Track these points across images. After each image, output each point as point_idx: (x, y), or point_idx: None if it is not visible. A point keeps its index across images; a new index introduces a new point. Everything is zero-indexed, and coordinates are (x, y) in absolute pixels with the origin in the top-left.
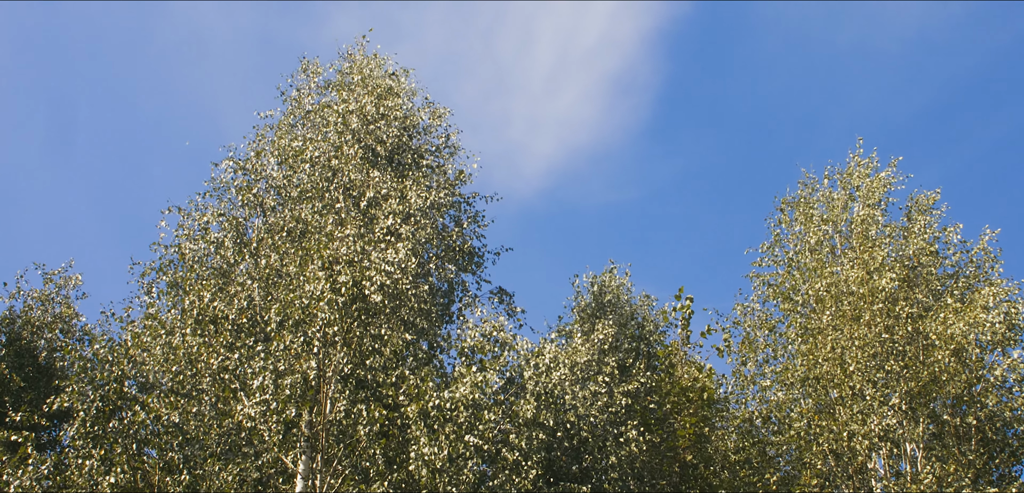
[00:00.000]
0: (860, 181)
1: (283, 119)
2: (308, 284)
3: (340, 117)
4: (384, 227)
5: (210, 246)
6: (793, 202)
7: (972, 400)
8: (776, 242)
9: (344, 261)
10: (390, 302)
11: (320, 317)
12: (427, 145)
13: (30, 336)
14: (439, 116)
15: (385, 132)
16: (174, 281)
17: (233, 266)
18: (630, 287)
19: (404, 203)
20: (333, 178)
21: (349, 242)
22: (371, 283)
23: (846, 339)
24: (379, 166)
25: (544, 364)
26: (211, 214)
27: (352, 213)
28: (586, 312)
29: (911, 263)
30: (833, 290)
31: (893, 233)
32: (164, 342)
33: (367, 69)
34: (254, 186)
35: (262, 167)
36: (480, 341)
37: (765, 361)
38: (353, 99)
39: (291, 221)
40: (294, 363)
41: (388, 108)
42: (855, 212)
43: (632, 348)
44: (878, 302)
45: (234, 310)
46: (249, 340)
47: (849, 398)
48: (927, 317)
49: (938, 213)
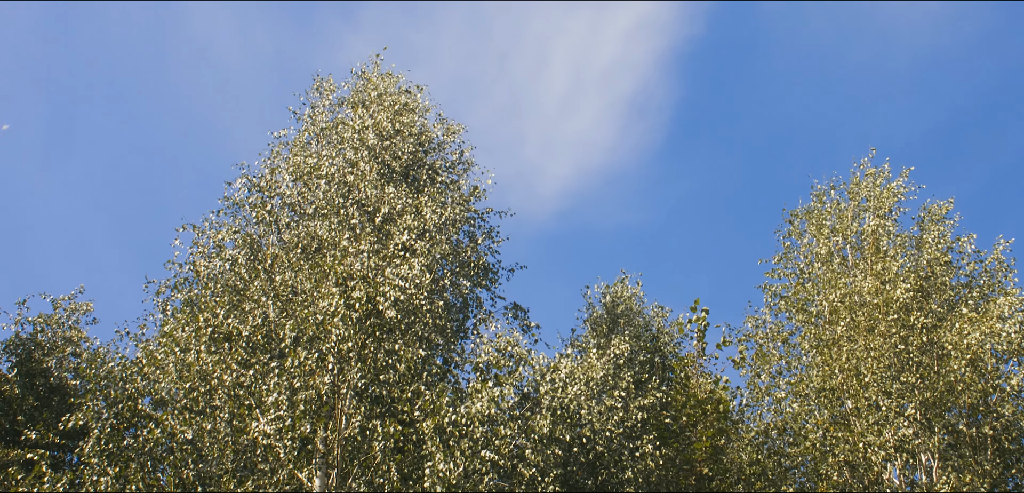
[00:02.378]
0: (869, 191)
1: (298, 136)
2: (322, 300)
3: (356, 133)
4: (399, 243)
5: (225, 263)
6: (803, 212)
7: (988, 410)
8: (787, 254)
9: (358, 277)
10: (405, 318)
11: (334, 333)
12: (441, 161)
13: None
14: (453, 132)
15: (400, 148)
16: (189, 299)
17: (248, 283)
18: (642, 297)
19: (419, 219)
20: (348, 194)
21: (363, 258)
22: (385, 299)
23: (861, 350)
24: (394, 182)
25: (560, 379)
26: (226, 231)
27: (367, 229)
28: (599, 324)
29: (925, 273)
30: (847, 301)
31: (905, 243)
32: (179, 359)
33: (383, 85)
34: (268, 203)
35: (276, 184)
36: (495, 356)
37: (779, 373)
38: (369, 115)
39: (306, 238)
40: (309, 379)
41: (404, 124)
42: (866, 223)
43: (647, 360)
44: (892, 312)
45: (249, 327)
46: (264, 357)
47: (864, 409)
48: (942, 327)
49: (951, 223)
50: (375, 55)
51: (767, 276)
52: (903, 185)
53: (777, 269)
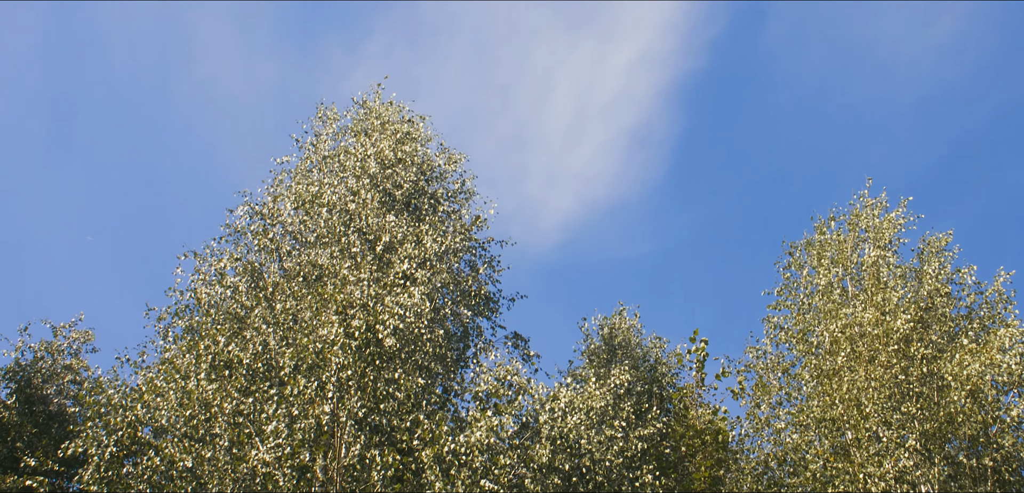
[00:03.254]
0: (869, 223)
1: (300, 164)
2: (322, 329)
3: (358, 161)
4: (399, 272)
5: (226, 291)
6: (803, 244)
7: (988, 441)
8: (787, 285)
9: (358, 305)
10: (404, 346)
11: (334, 362)
12: (443, 190)
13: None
14: (455, 161)
15: (402, 176)
16: (190, 326)
17: (248, 311)
18: (640, 329)
19: (420, 248)
20: (349, 222)
21: (364, 286)
22: (385, 327)
23: (861, 380)
24: (395, 211)
25: (559, 409)
26: (227, 259)
27: (367, 257)
28: (597, 355)
29: (925, 304)
30: (848, 332)
31: (905, 274)
32: (179, 387)
33: (385, 114)
34: (270, 231)
35: (278, 212)
36: (495, 385)
37: (779, 403)
38: (371, 143)
39: (307, 266)
40: (308, 408)
41: (405, 153)
42: (866, 254)
43: (645, 391)
44: (893, 343)
45: (249, 355)
46: (264, 385)
47: (865, 440)
48: (942, 358)
49: (951, 254)
50: (377, 84)
51: (769, 309)
52: (902, 216)
53: (778, 301)
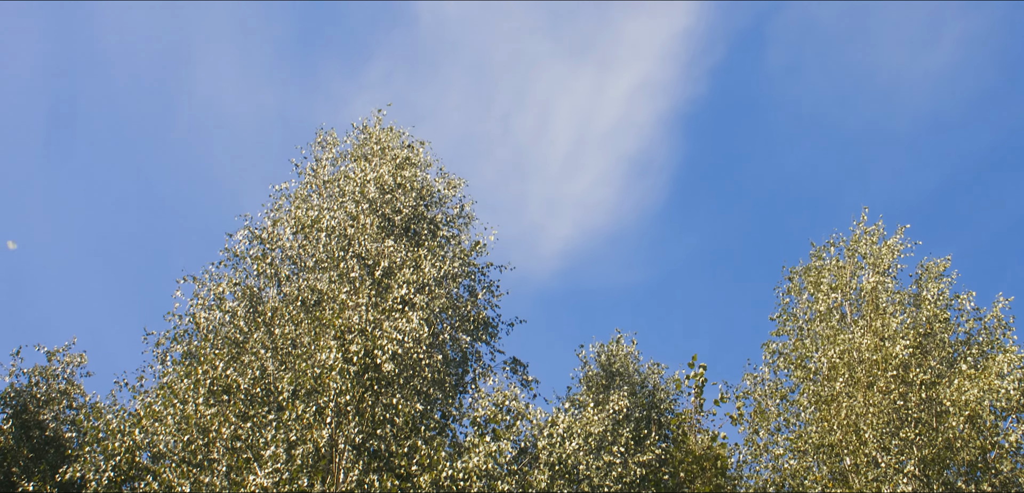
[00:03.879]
0: (867, 249)
1: (299, 189)
2: (321, 354)
3: (357, 186)
4: (398, 297)
5: (224, 315)
6: (802, 270)
7: (987, 467)
8: (784, 312)
9: (357, 330)
10: (403, 371)
11: (332, 387)
12: (442, 215)
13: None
14: (454, 186)
15: (401, 202)
16: (188, 350)
17: (247, 336)
18: (638, 355)
19: (418, 273)
20: (348, 247)
21: (362, 311)
22: (383, 352)
23: (860, 406)
24: (394, 235)
25: (558, 434)
26: (226, 283)
27: (366, 282)
28: (595, 381)
29: (924, 330)
30: (846, 357)
31: (903, 300)
32: (177, 411)
33: (385, 140)
34: (269, 255)
35: (277, 236)
36: (493, 411)
37: (777, 429)
38: (370, 169)
39: (305, 291)
40: (306, 433)
41: (404, 178)
42: (864, 280)
43: (644, 416)
44: (891, 369)
45: (247, 380)
46: (262, 410)
47: (863, 465)
48: (941, 384)
49: (949, 280)
50: (378, 110)
51: (772, 335)
52: (900, 242)
53: (778, 327)
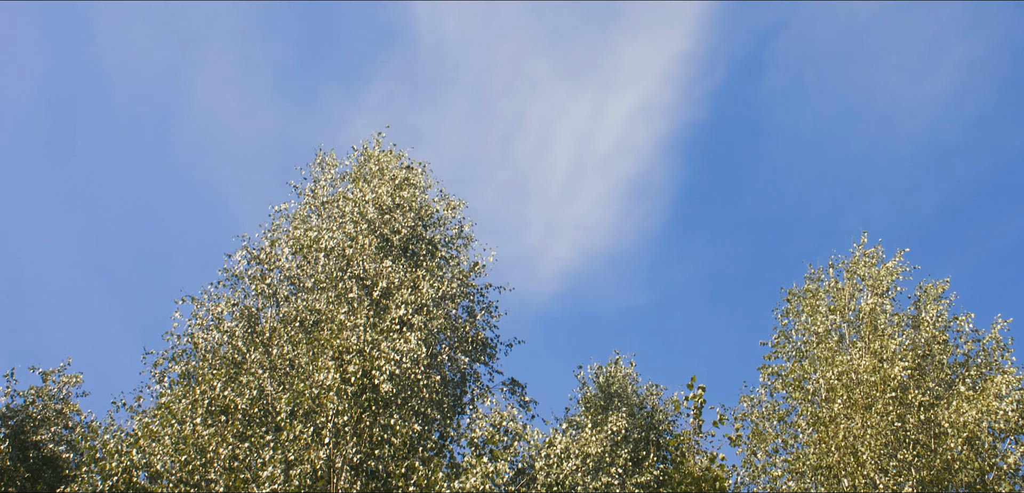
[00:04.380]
0: (866, 271)
1: (298, 210)
2: (319, 374)
3: (356, 207)
4: (396, 317)
5: (223, 336)
6: (799, 294)
7: (985, 488)
8: (782, 334)
9: (355, 351)
10: (400, 392)
11: (330, 407)
12: (441, 236)
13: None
14: (454, 208)
15: (400, 222)
16: (186, 370)
17: (245, 356)
18: (636, 377)
19: (416, 293)
20: (346, 267)
21: (360, 332)
22: (381, 373)
23: (858, 427)
24: (393, 256)
25: (555, 455)
26: (225, 304)
27: (365, 303)
28: (593, 403)
29: (923, 351)
30: (844, 379)
31: (902, 322)
32: (175, 432)
33: (383, 160)
34: (268, 276)
35: (276, 257)
36: (491, 431)
37: (775, 451)
38: (369, 189)
39: (304, 311)
40: (304, 453)
41: (403, 198)
42: (863, 302)
43: (642, 438)
44: (890, 390)
45: (245, 400)
46: (260, 430)
47: (861, 487)
48: (939, 405)
49: (948, 302)
50: (377, 133)
51: (766, 359)
52: (899, 266)
53: (775, 349)
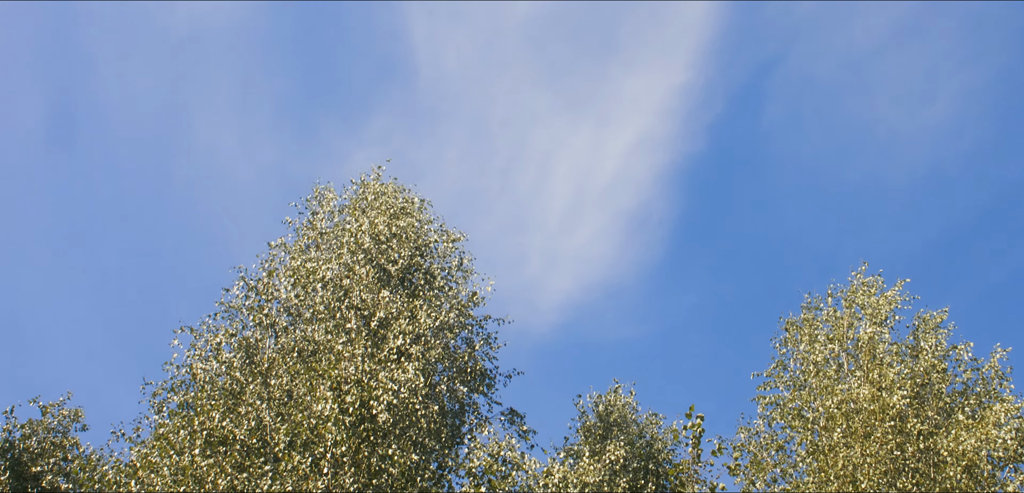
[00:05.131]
0: (864, 300)
1: (297, 242)
2: (317, 404)
3: (352, 236)
4: (393, 347)
5: (221, 366)
6: (797, 323)
7: None
8: (780, 364)
9: (353, 381)
10: (399, 422)
11: (328, 438)
12: (439, 266)
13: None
14: (454, 240)
15: (397, 252)
16: (184, 401)
17: (243, 386)
18: (635, 406)
19: (414, 323)
20: (344, 298)
21: (358, 362)
22: (379, 403)
23: (857, 456)
24: (390, 286)
25: (553, 484)
26: (223, 335)
27: (362, 333)
28: (592, 432)
29: (922, 380)
30: (843, 408)
31: (900, 351)
32: (173, 462)
33: (380, 190)
34: (265, 307)
35: (274, 288)
36: (489, 461)
37: (774, 480)
38: (366, 219)
39: (302, 341)
40: (303, 484)
41: (400, 228)
42: (861, 331)
43: (641, 467)
44: (889, 419)
45: (243, 430)
46: (258, 461)
47: None
48: (938, 434)
49: (946, 331)
50: (377, 167)
51: (760, 390)
52: (898, 295)
53: (772, 379)
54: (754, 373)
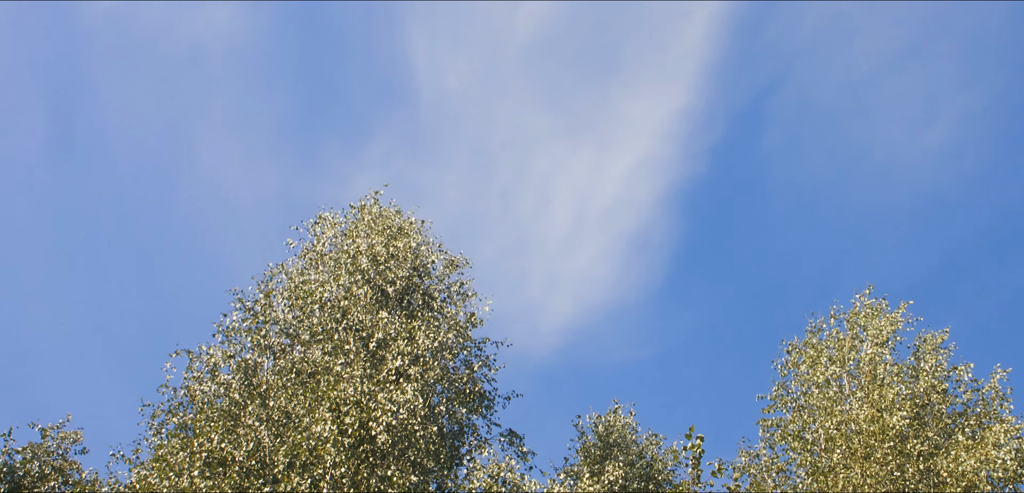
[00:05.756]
0: (867, 322)
1: (295, 265)
2: (316, 426)
3: (350, 257)
4: (392, 368)
5: (219, 387)
6: (800, 347)
7: None
8: (781, 387)
9: (351, 402)
10: (397, 443)
11: (327, 459)
12: (438, 288)
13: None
14: (455, 265)
15: (395, 273)
16: (183, 423)
17: (242, 408)
18: (636, 426)
19: (412, 344)
20: (342, 319)
21: (356, 383)
22: (378, 423)
23: (858, 478)
24: (389, 307)
25: None
26: (221, 356)
27: (361, 354)
28: (591, 452)
29: (922, 401)
30: (843, 429)
31: (901, 372)
32: (172, 484)
33: (376, 210)
34: (263, 328)
35: (272, 309)
36: (488, 482)
37: None
38: (364, 241)
39: (300, 363)
40: None
41: (398, 248)
42: (863, 352)
43: (642, 488)
44: (889, 440)
45: (242, 452)
46: (257, 482)
47: None
48: (938, 454)
49: (947, 352)
50: (374, 192)
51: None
52: (901, 318)
53: (774, 402)
54: (759, 396)
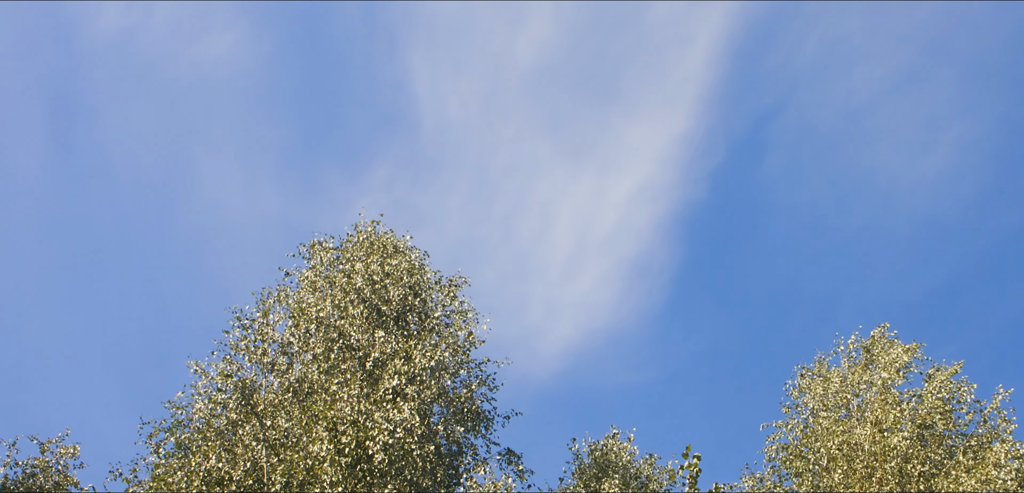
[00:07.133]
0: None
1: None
2: (312, 445)
3: (346, 276)
4: (389, 387)
5: (217, 407)
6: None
7: None
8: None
9: (348, 421)
10: (394, 462)
11: (324, 478)
12: (434, 307)
13: None
14: (456, 286)
15: (392, 291)
16: (181, 441)
17: (239, 427)
18: (634, 450)
19: (409, 363)
20: (338, 339)
21: (353, 402)
22: (375, 443)
23: None
24: (385, 326)
25: None
26: (219, 375)
27: (358, 374)
28: (587, 473)
29: (923, 421)
30: (845, 449)
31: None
32: None
33: (371, 230)
34: (260, 347)
35: (270, 331)
36: None
37: None
38: (360, 260)
39: (297, 382)
40: None
41: (393, 267)
42: (876, 377)
43: None
44: (890, 460)
45: (239, 471)
46: None
47: None
48: (939, 475)
49: (950, 371)
50: (371, 222)
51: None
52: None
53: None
54: (763, 424)
